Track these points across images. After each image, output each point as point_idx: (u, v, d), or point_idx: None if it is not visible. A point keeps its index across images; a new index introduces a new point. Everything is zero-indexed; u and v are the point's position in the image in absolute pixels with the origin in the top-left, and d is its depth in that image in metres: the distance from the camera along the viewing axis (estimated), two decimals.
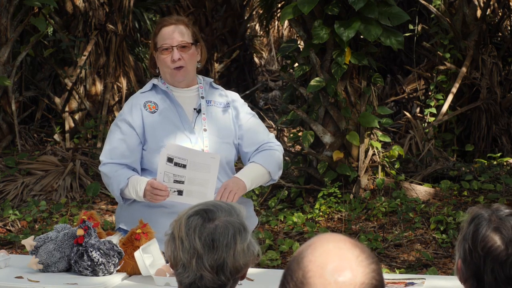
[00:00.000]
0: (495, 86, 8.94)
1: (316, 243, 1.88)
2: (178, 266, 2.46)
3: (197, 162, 3.74)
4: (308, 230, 6.89)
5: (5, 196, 7.94)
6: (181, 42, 3.95)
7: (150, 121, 3.92)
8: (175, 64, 3.92)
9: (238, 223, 2.47)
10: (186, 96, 3.99)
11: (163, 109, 3.94)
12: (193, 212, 2.47)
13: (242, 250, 2.44)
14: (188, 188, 3.77)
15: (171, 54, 3.93)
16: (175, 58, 3.92)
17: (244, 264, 2.46)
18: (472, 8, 9.00)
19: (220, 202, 2.53)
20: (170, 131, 3.90)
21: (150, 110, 3.93)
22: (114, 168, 3.89)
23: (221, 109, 4.03)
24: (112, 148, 3.92)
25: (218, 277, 2.42)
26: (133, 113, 3.93)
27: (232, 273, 2.44)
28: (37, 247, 3.62)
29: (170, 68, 3.94)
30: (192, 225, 2.44)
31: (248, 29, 15.12)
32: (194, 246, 2.42)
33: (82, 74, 9.79)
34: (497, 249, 2.24)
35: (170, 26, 3.97)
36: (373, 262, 1.85)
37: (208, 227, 2.43)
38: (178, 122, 3.92)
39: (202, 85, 4.05)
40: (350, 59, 7.14)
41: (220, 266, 2.42)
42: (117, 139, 3.92)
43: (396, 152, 7.66)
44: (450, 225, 6.79)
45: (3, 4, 8.62)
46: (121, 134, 3.92)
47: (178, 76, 3.95)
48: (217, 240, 2.42)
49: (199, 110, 3.96)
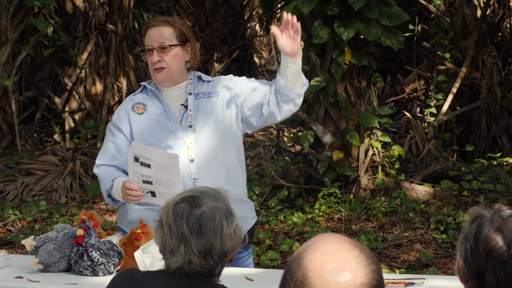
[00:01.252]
0: (495, 86, 8.94)
1: (316, 243, 1.88)
2: (166, 251, 2.54)
3: (159, 162, 3.77)
4: (308, 230, 6.89)
5: (5, 196, 7.94)
6: (161, 43, 3.98)
7: (137, 122, 3.99)
8: (155, 65, 3.98)
9: (225, 208, 2.55)
10: (174, 94, 4.03)
11: (151, 109, 4.00)
12: (180, 199, 2.56)
13: (229, 234, 2.53)
14: (159, 190, 3.80)
15: (152, 56, 3.98)
16: (153, 60, 3.97)
17: (231, 248, 2.54)
18: (472, 8, 9.00)
19: (206, 188, 2.61)
20: (156, 129, 3.96)
21: (138, 111, 4.01)
22: (103, 169, 3.98)
23: (214, 99, 4.03)
24: (104, 150, 4.03)
25: (206, 261, 2.51)
26: (120, 117, 4.03)
27: (220, 257, 2.53)
28: (37, 247, 3.62)
29: (152, 68, 4.01)
30: (179, 212, 2.52)
31: (248, 29, 15.12)
32: (182, 231, 2.50)
33: (82, 74, 9.80)
34: (499, 249, 2.24)
35: (154, 27, 4.02)
36: (373, 262, 1.85)
37: (195, 213, 2.52)
38: (165, 120, 3.96)
39: (192, 80, 4.06)
40: (350, 59, 7.14)
41: (208, 250, 2.50)
42: (108, 142, 4.03)
43: (396, 152, 7.66)
44: (450, 225, 6.79)
45: (3, 4, 8.62)
46: (112, 136, 4.03)
47: (159, 77, 4.01)
48: (204, 225, 2.51)
49: (186, 106, 3.98)
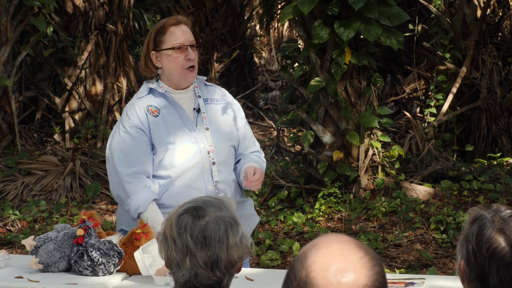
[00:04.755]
0: (495, 86, 8.94)
1: (320, 243, 1.87)
2: (172, 265, 2.47)
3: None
4: (308, 230, 6.89)
5: (5, 196, 7.94)
6: (192, 41, 3.89)
7: (155, 125, 3.86)
8: (189, 63, 3.86)
9: (229, 217, 2.48)
10: (184, 97, 3.94)
11: (164, 112, 3.88)
12: (183, 211, 2.48)
13: (235, 244, 2.45)
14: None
15: (186, 53, 3.86)
16: (191, 57, 3.84)
17: (238, 257, 2.47)
18: (472, 8, 9.00)
19: (209, 198, 2.53)
20: (174, 133, 3.86)
21: (153, 114, 3.87)
22: (134, 187, 3.80)
23: (220, 107, 4.01)
24: (126, 155, 3.83)
25: (213, 273, 2.43)
26: (140, 118, 3.85)
27: (227, 268, 2.45)
28: (37, 247, 3.62)
29: (182, 67, 3.86)
30: (183, 224, 2.45)
31: (248, 29, 15.12)
32: (186, 244, 2.43)
33: (82, 74, 9.80)
34: (501, 250, 2.24)
35: (178, 24, 3.90)
36: (377, 265, 1.84)
37: (198, 224, 2.44)
38: (181, 124, 3.87)
39: (197, 84, 4.00)
40: (350, 59, 7.14)
41: (215, 262, 2.42)
42: (130, 146, 3.83)
43: (396, 152, 7.66)
44: (450, 225, 6.79)
45: (3, 4, 8.61)
46: (132, 140, 3.83)
47: (190, 77, 3.89)
48: (209, 236, 2.43)
49: (198, 109, 3.94)
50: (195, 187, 3.83)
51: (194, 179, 3.84)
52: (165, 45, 3.88)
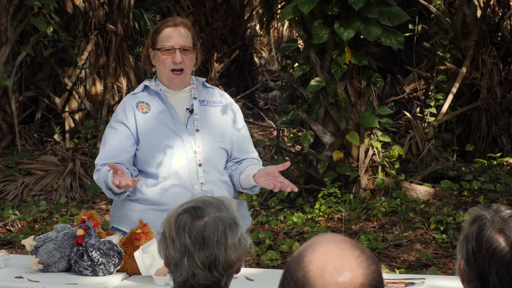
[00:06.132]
0: (495, 86, 8.94)
1: (316, 243, 1.87)
2: (170, 265, 2.47)
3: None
4: (308, 230, 6.89)
5: (5, 196, 7.94)
6: (183, 45, 3.92)
7: (143, 121, 3.92)
8: (175, 66, 3.90)
9: (228, 218, 2.47)
10: (179, 97, 3.98)
11: (155, 110, 3.93)
12: (182, 210, 2.48)
13: (233, 244, 2.44)
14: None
15: (173, 56, 3.90)
16: (177, 61, 3.89)
17: (236, 258, 2.46)
18: (472, 8, 9.00)
19: (209, 198, 2.53)
20: (162, 131, 3.90)
21: (142, 110, 3.93)
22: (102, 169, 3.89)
23: (219, 109, 4.02)
24: (106, 149, 3.92)
25: (211, 273, 2.42)
26: (126, 113, 3.92)
27: (225, 269, 2.44)
28: (37, 247, 3.62)
29: (169, 69, 3.91)
30: (181, 224, 2.44)
31: (248, 29, 15.11)
32: (184, 244, 2.42)
33: (82, 74, 9.79)
34: (501, 250, 2.24)
35: (174, 27, 3.93)
36: (373, 263, 1.85)
37: (197, 224, 2.43)
38: (170, 123, 3.91)
39: (195, 85, 4.02)
40: (350, 59, 7.14)
41: (212, 262, 2.42)
42: (112, 140, 3.92)
43: (396, 152, 7.66)
44: (450, 225, 6.79)
45: (3, 4, 8.62)
46: (116, 135, 3.92)
47: (176, 80, 3.94)
48: (207, 237, 2.42)
49: (191, 110, 3.95)
50: (182, 186, 3.88)
51: (181, 178, 3.88)
52: (158, 45, 3.95)
